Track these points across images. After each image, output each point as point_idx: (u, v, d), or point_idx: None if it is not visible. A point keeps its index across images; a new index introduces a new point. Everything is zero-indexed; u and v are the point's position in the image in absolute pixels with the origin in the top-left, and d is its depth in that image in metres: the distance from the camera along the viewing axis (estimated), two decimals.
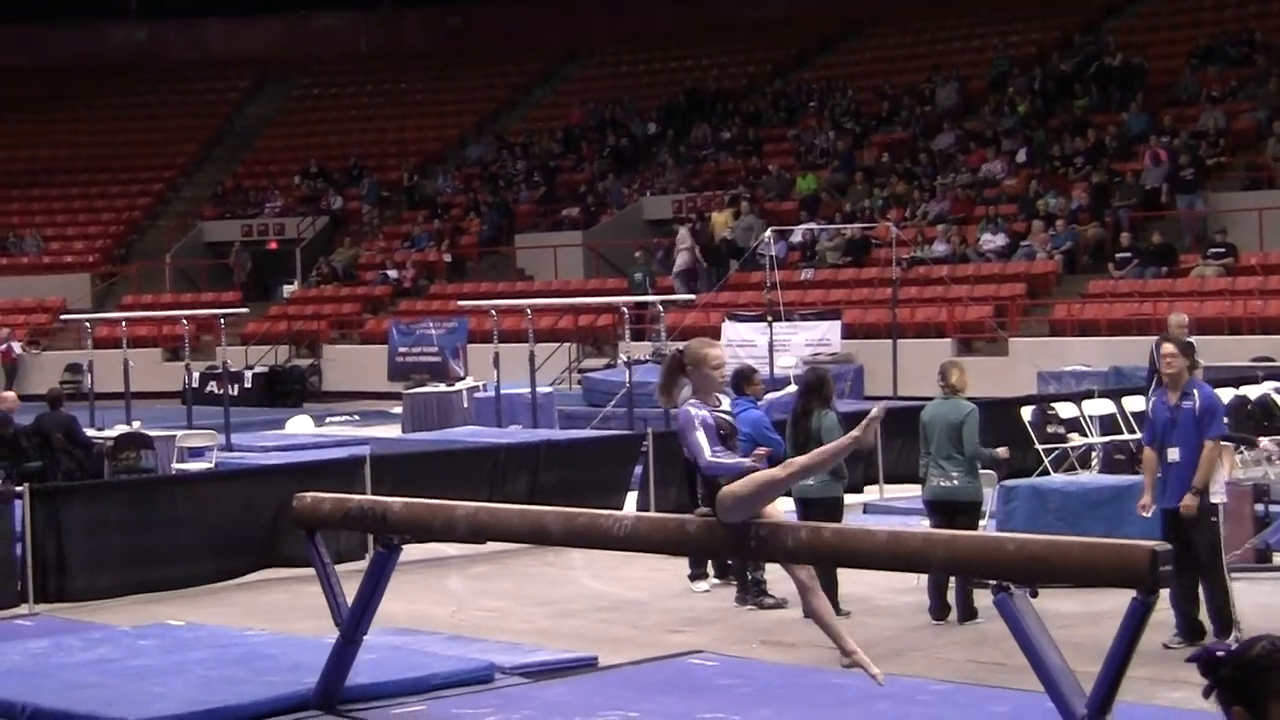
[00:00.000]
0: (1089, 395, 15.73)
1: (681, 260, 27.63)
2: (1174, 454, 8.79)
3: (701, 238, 28.04)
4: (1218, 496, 8.86)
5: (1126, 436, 14.66)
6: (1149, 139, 26.03)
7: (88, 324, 23.15)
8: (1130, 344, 19.52)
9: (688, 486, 6.42)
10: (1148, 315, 21.08)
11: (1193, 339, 14.34)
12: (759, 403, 10.26)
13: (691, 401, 6.24)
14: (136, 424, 17.51)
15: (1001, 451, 10.17)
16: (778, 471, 6.25)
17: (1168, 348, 9.00)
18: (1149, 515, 9.00)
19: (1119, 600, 5.55)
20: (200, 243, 35.24)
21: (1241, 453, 12.76)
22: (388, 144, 37.25)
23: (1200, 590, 8.80)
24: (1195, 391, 8.86)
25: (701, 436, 6.11)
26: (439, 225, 32.73)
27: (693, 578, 10.90)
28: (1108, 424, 14.98)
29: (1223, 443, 9.09)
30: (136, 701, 7.34)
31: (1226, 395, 13.53)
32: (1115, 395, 15.44)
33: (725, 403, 6.36)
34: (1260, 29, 28.42)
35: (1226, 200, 24.58)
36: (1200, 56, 28.34)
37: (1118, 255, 23.97)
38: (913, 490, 12.08)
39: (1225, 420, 9.75)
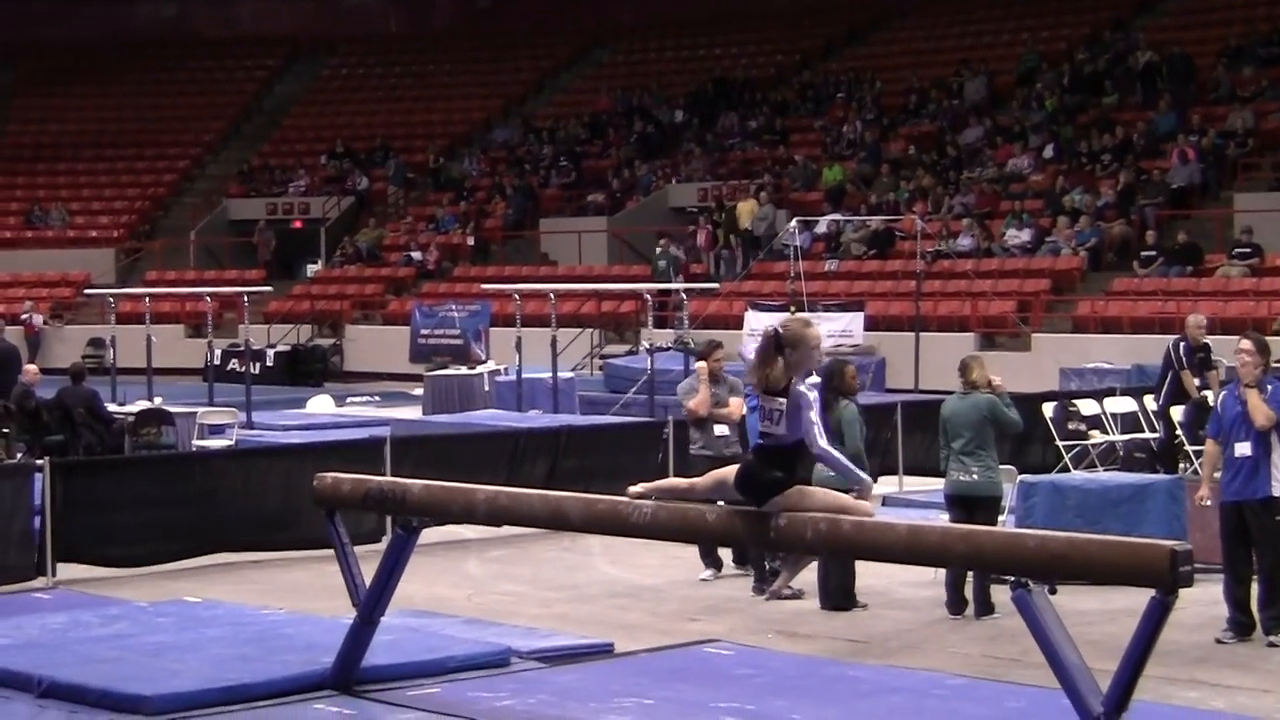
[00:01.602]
0: (1110, 393, 15.68)
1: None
2: (1244, 448, 8.84)
3: (726, 226, 27.98)
4: None
5: (1148, 435, 14.62)
6: (1177, 137, 25.92)
7: (111, 299, 23.20)
8: (1153, 342, 19.40)
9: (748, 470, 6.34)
10: (1171, 314, 20.99)
11: (1210, 339, 14.44)
12: None
13: (803, 383, 6.22)
14: (158, 400, 17.57)
15: (998, 382, 10.14)
16: (859, 506, 6.36)
17: (1245, 344, 9.07)
18: (1209, 504, 9.00)
19: (1137, 599, 5.54)
20: (225, 220, 35.30)
21: None
22: (414, 125, 37.26)
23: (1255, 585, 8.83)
24: (1269, 386, 8.94)
25: (818, 417, 6.20)
26: (464, 208, 32.74)
27: (737, 562, 10.86)
28: (1129, 422, 14.94)
29: None
30: (152, 678, 7.36)
31: None
32: (1137, 393, 15.39)
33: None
34: None
35: (1253, 201, 24.45)
36: (1231, 56, 28.18)
37: (1143, 253, 23.86)
38: (933, 483, 12.07)
39: None
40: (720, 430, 10.70)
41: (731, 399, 10.69)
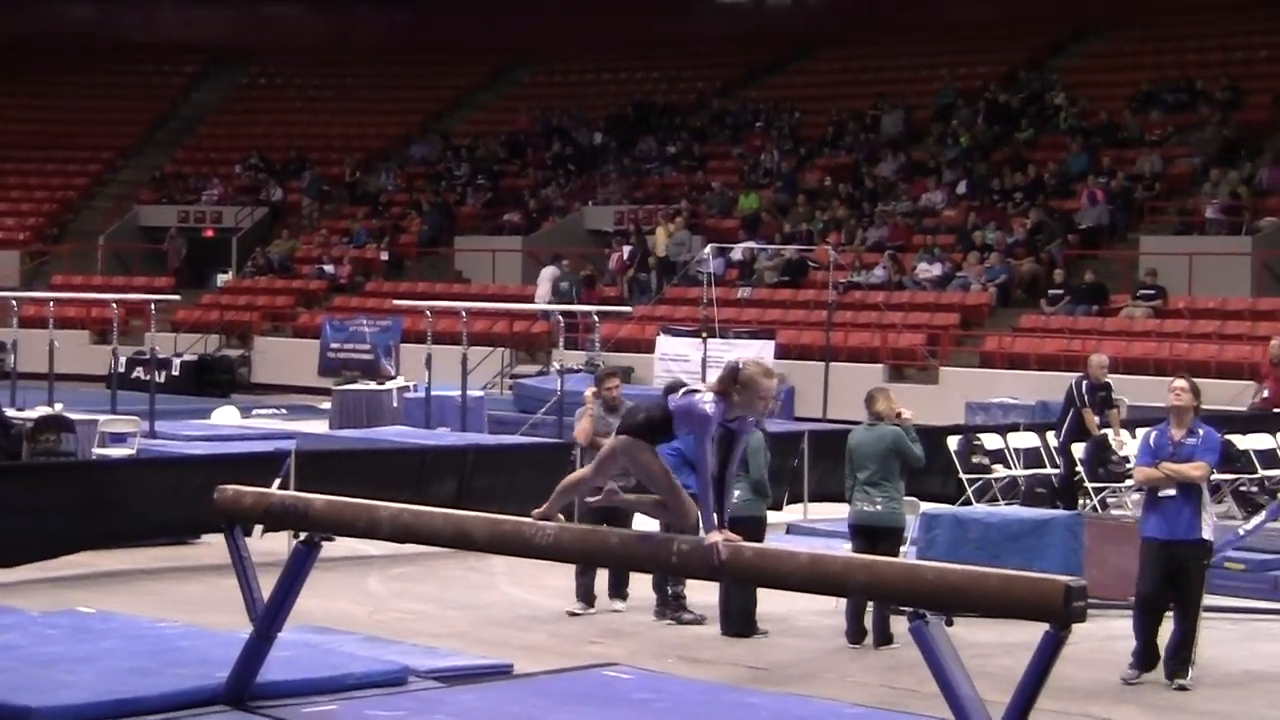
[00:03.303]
0: (1014, 428, 15.87)
1: (542, 294, 26.98)
2: (1172, 490, 8.88)
3: (645, 249, 28.07)
4: (1210, 533, 8.96)
5: (1049, 470, 14.81)
6: (1087, 178, 26.35)
7: (14, 302, 22.82)
8: (1058, 379, 19.68)
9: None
10: (1077, 352, 21.29)
11: (1112, 378, 14.68)
12: None
13: (714, 401, 6.08)
14: (59, 406, 17.28)
15: (907, 415, 10.20)
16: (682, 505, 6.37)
17: (1179, 383, 9.11)
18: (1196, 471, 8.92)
19: (1034, 632, 5.60)
20: (135, 226, 34.86)
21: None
22: (332, 138, 37.03)
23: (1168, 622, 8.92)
24: (1200, 430, 9.01)
25: (710, 447, 6.04)
26: (379, 223, 32.58)
27: (611, 595, 10.81)
28: (1032, 457, 15.12)
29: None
30: (43, 689, 7.23)
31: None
32: (1040, 429, 15.58)
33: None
34: (1199, 77, 28.85)
35: (1159, 244, 24.90)
36: (1140, 101, 28.72)
37: (1050, 291, 24.22)
38: (838, 511, 12.14)
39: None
40: None
41: None
